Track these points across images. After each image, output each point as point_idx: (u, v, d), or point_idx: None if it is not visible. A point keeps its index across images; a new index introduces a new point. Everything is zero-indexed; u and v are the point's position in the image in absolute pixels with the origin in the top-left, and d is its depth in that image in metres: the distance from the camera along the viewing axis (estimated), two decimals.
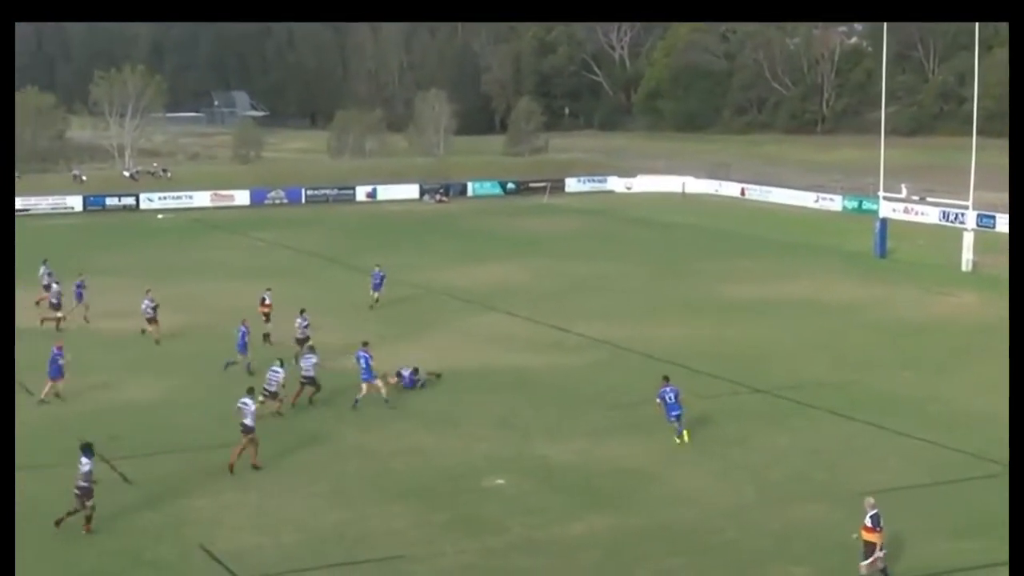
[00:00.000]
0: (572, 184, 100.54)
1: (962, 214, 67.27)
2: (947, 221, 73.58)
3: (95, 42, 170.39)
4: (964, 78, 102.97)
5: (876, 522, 22.68)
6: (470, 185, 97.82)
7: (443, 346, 42.80)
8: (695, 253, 66.03)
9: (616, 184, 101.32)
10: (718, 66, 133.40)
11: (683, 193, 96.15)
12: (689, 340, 43.99)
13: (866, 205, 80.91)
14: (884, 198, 69.05)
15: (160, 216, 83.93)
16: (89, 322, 46.18)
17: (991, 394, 33.43)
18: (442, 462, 30.49)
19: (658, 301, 52.23)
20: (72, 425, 32.84)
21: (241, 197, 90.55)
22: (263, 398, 31.79)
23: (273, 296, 44.50)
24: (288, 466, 29.87)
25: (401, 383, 36.59)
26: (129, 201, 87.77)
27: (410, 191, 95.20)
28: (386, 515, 26.75)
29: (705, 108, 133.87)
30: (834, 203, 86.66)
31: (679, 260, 63.47)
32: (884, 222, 66.17)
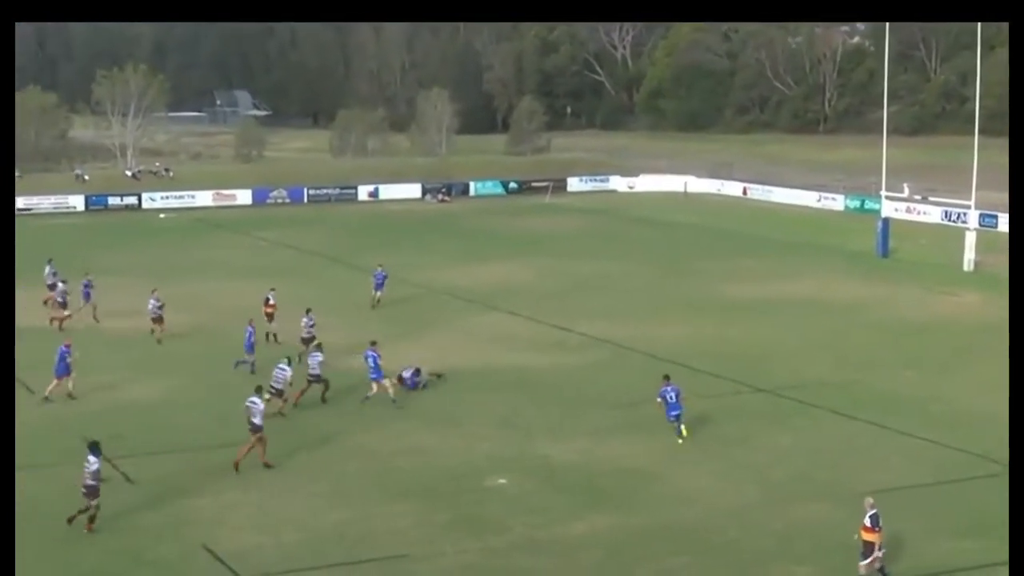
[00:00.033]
0: (574, 183, 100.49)
1: (964, 214, 67.23)
2: (949, 221, 73.52)
3: (97, 41, 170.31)
4: (966, 77, 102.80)
5: (875, 522, 22.71)
6: (472, 184, 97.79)
7: (445, 346, 42.81)
8: (697, 253, 66.00)
9: (618, 184, 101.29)
10: (720, 65, 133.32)
11: (685, 192, 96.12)
12: (691, 339, 44.00)
13: (868, 205, 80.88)
14: (886, 198, 69.02)
15: (162, 215, 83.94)
16: (99, 321, 46.21)
17: (993, 394, 33.40)
18: (444, 462, 30.49)
19: (660, 300, 52.22)
20: (73, 425, 32.88)
21: (243, 196, 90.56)
22: (269, 396, 31.78)
23: (277, 296, 44.45)
24: (290, 466, 29.86)
25: (403, 385, 36.58)
26: (131, 200, 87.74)
27: (412, 190, 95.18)
28: (388, 515, 26.75)
29: (707, 107, 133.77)
30: (836, 203, 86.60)
31: (681, 260, 63.45)
32: (886, 222, 66.13)
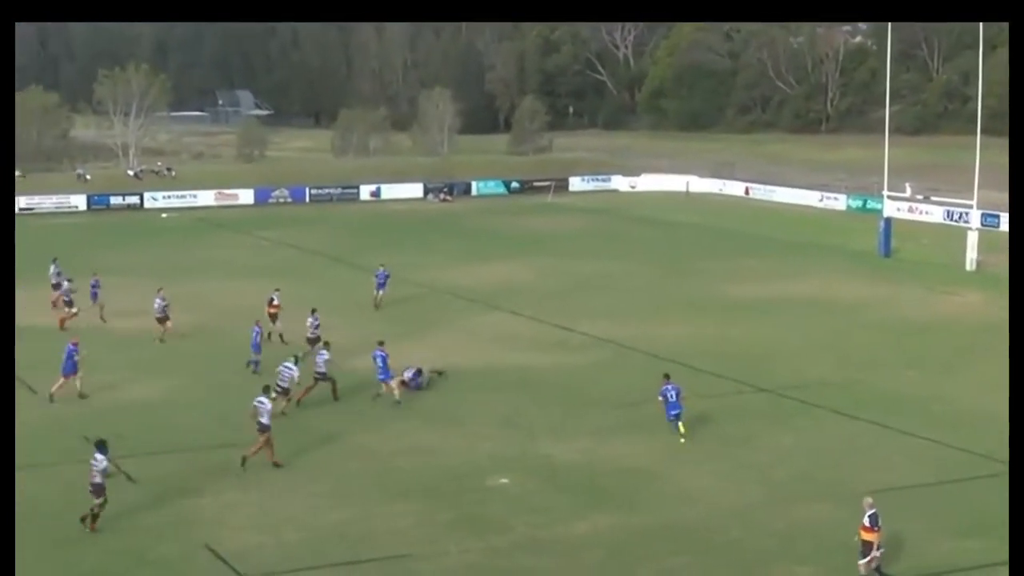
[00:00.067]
0: (576, 183, 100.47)
1: (966, 213, 67.25)
2: (951, 220, 73.51)
3: (99, 41, 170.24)
4: (968, 77, 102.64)
5: (874, 521, 22.75)
6: (474, 184, 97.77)
7: (447, 345, 42.79)
8: (699, 252, 65.97)
9: (620, 183, 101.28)
10: (722, 65, 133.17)
11: (687, 192, 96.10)
12: (693, 339, 43.99)
13: (870, 204, 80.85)
14: (888, 197, 69.02)
15: (164, 215, 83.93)
16: (105, 321, 46.15)
17: (995, 393, 33.33)
18: (446, 461, 30.49)
19: (662, 300, 52.21)
20: (74, 424, 32.90)
21: (245, 196, 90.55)
22: (275, 395, 31.76)
23: (280, 296, 44.36)
24: (291, 465, 29.84)
25: (406, 386, 36.48)
26: (133, 200, 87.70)
27: (414, 190, 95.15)
28: (389, 514, 26.74)
29: (709, 107, 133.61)
30: (838, 202, 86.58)
31: (683, 259, 63.43)
32: (888, 221, 66.10)
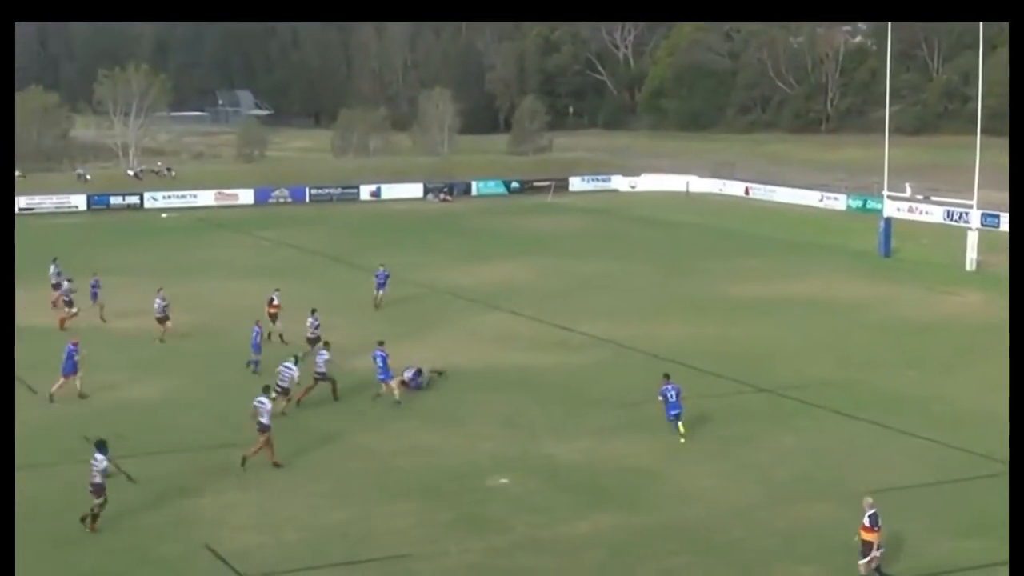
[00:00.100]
0: (576, 183, 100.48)
1: (966, 213, 67.24)
2: (951, 220, 73.50)
3: (99, 41, 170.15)
4: (968, 77, 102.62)
5: (874, 521, 22.77)
6: (474, 184, 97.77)
7: (448, 345, 42.78)
8: (699, 252, 65.97)
9: (620, 183, 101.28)
10: (722, 65, 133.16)
11: (687, 192, 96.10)
12: (694, 339, 43.98)
13: (870, 204, 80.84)
14: (888, 197, 69.01)
15: (164, 215, 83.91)
16: (106, 321, 46.13)
17: (995, 393, 33.32)
18: (447, 461, 30.48)
19: (663, 300, 52.20)
20: (74, 424, 32.88)
21: (245, 196, 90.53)
22: (275, 395, 31.74)
23: (281, 296, 44.30)
24: (292, 465, 29.82)
25: (406, 387, 36.45)
26: (133, 200, 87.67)
27: (414, 190, 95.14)
28: (390, 514, 26.73)
29: (709, 107, 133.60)
30: (838, 202, 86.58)
31: (683, 259, 63.42)
32: (888, 221, 66.09)
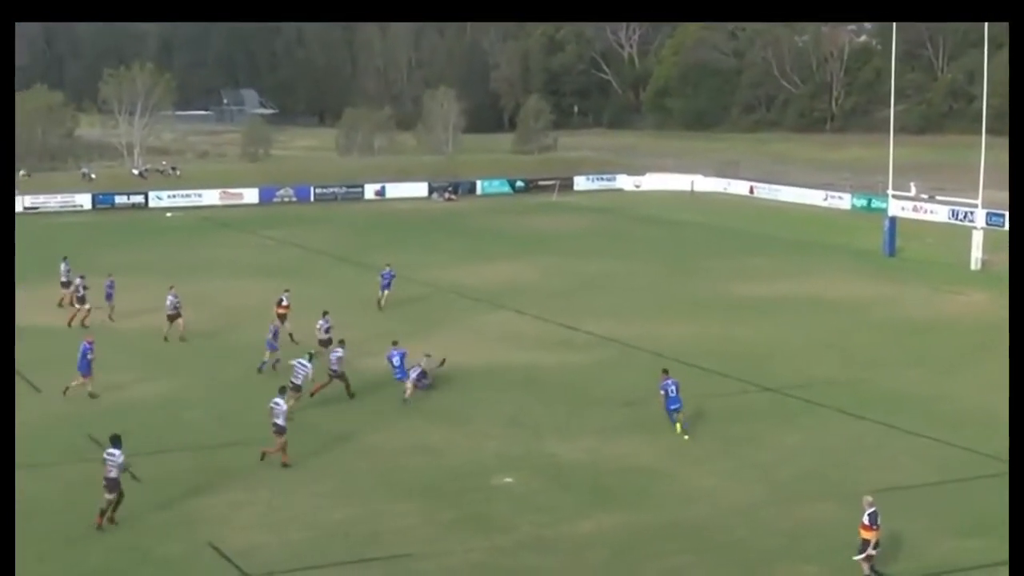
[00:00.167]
0: (581, 182, 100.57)
1: (971, 212, 67.19)
2: (956, 219, 73.43)
3: (104, 40, 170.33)
4: (973, 76, 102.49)
5: (873, 520, 22.82)
6: (479, 183, 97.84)
7: (452, 344, 42.73)
8: (704, 251, 65.96)
9: (625, 182, 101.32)
10: (727, 64, 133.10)
11: (692, 191, 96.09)
12: (698, 338, 43.98)
13: (875, 203, 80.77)
14: (893, 196, 68.98)
15: (169, 214, 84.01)
16: (114, 320, 46.13)
17: (999, 393, 33.22)
18: (451, 460, 30.50)
19: (667, 299, 52.20)
20: (78, 423, 32.92)
21: (250, 195, 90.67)
22: (290, 393, 31.68)
23: (290, 297, 44.25)
24: (298, 464, 29.82)
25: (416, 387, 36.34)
26: (138, 199, 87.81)
27: (419, 189, 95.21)
28: (394, 513, 26.75)
29: (714, 106, 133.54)
30: (843, 201, 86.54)
31: (688, 258, 63.41)
32: (893, 220, 66.07)
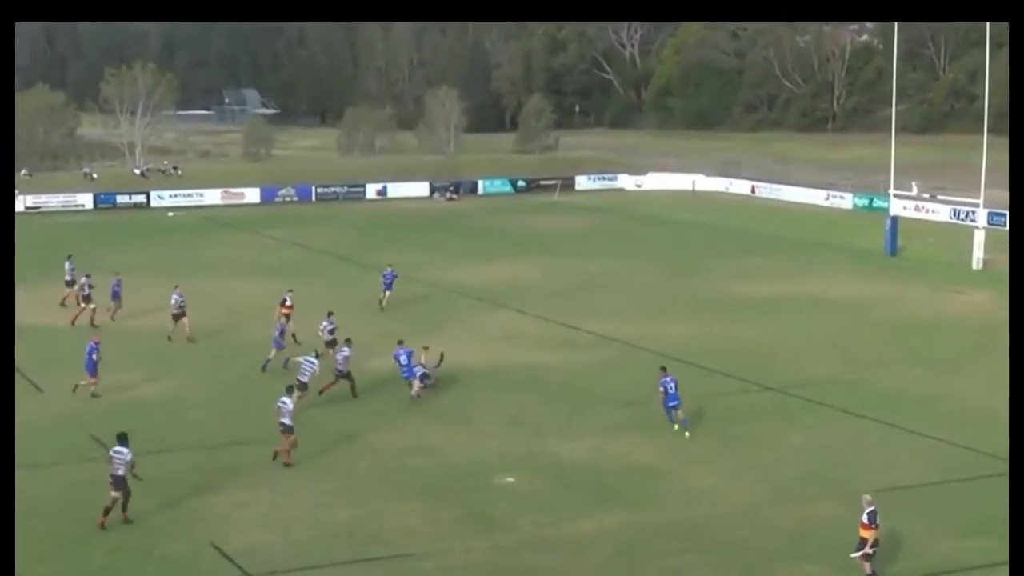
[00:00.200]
0: (582, 182, 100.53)
1: (973, 212, 67.16)
2: (958, 219, 73.41)
3: (106, 40, 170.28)
4: (975, 75, 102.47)
5: (872, 519, 22.83)
6: (480, 183, 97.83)
7: (454, 344, 42.64)
8: (705, 251, 65.95)
9: (626, 182, 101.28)
10: (728, 64, 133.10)
11: (693, 191, 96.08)
12: (699, 338, 43.97)
13: (877, 203, 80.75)
14: (895, 196, 68.97)
15: (171, 214, 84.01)
16: (114, 320, 46.13)
17: (1001, 392, 33.11)
18: (453, 459, 30.51)
19: (668, 299, 52.19)
20: (79, 423, 32.94)
21: (251, 195, 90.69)
22: (297, 392, 31.65)
23: (293, 297, 44.24)
24: (299, 463, 29.83)
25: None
26: (140, 199, 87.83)
27: (420, 189, 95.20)
28: (396, 512, 26.76)
29: (715, 106, 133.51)
30: (845, 201, 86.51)
31: (689, 258, 63.40)
32: (895, 220, 66.07)
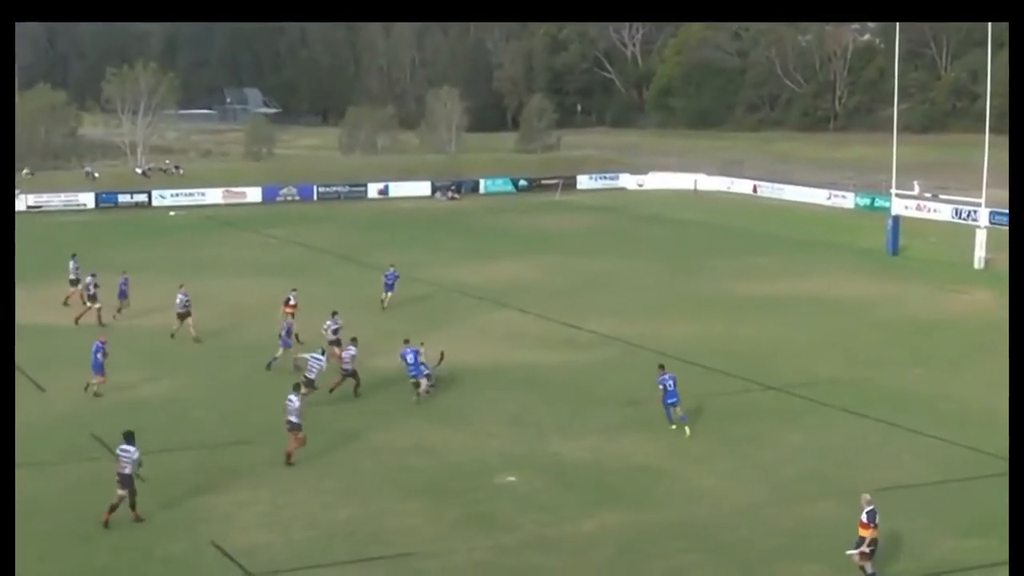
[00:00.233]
0: (584, 181, 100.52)
1: (975, 211, 67.09)
2: (960, 218, 73.35)
3: (107, 39, 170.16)
4: (977, 75, 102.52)
5: (871, 518, 22.81)
6: (482, 182, 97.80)
7: (455, 343, 42.62)
8: (707, 250, 65.94)
9: (628, 181, 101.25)
10: (730, 63, 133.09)
11: (695, 190, 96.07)
12: (701, 337, 43.96)
13: (878, 202, 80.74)
14: (896, 195, 68.91)
15: (172, 213, 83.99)
16: (115, 319, 46.11)
17: (1003, 392, 32.98)
18: (454, 459, 30.50)
19: (670, 298, 52.18)
20: (81, 422, 32.93)
21: (253, 194, 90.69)
22: (304, 389, 31.65)
23: (297, 296, 44.21)
24: (302, 462, 29.81)
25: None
26: (141, 198, 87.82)
27: (422, 188, 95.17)
28: (398, 512, 26.75)
29: (717, 105, 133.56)
30: (846, 200, 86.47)
31: (691, 257, 63.39)
32: (896, 219, 66.05)
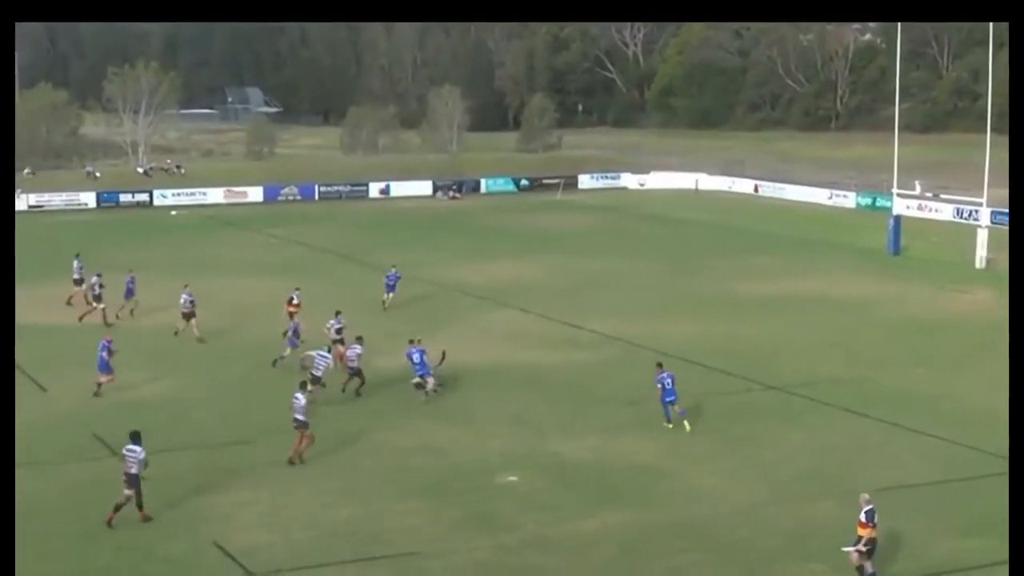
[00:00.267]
0: (585, 181, 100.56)
1: (976, 211, 67.04)
2: (961, 218, 73.33)
3: (108, 39, 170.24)
4: (978, 74, 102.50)
5: (870, 517, 22.82)
6: (483, 182, 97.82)
7: (457, 343, 42.61)
8: (708, 250, 65.94)
9: (629, 181, 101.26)
10: (732, 63, 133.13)
11: (696, 190, 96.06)
12: (702, 337, 43.96)
13: (880, 202, 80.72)
14: (898, 195, 68.87)
15: (174, 212, 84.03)
16: (119, 318, 46.09)
17: (1004, 392, 32.90)
18: (456, 459, 30.50)
19: (671, 298, 52.19)
20: (81, 422, 32.94)
21: (254, 194, 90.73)
22: (311, 387, 31.64)
23: (300, 295, 44.18)
24: (304, 462, 29.84)
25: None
26: (143, 197, 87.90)
27: (423, 187, 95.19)
28: (399, 512, 26.75)
29: (719, 105, 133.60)
30: (848, 200, 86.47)
31: (692, 257, 63.39)
32: (898, 219, 66.03)
